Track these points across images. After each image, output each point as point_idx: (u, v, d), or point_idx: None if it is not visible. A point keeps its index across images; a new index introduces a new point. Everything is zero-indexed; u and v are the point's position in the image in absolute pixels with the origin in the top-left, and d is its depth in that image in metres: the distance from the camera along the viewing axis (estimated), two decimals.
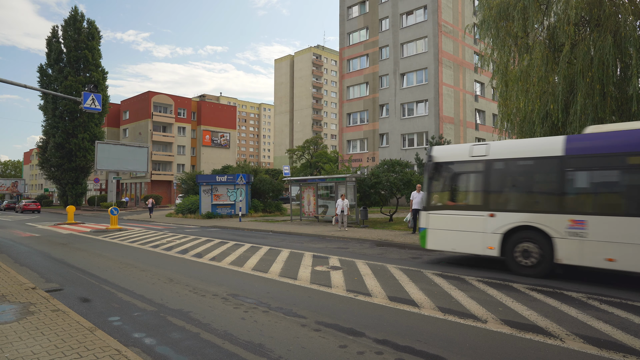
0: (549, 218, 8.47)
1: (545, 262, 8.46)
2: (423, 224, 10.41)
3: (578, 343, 4.72)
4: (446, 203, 10.20)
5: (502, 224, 9.06)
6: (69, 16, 48.79)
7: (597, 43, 11.73)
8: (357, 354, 4.45)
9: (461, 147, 10.38)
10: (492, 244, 9.15)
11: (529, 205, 9.02)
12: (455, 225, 9.82)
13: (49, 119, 48.86)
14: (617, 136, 8.15)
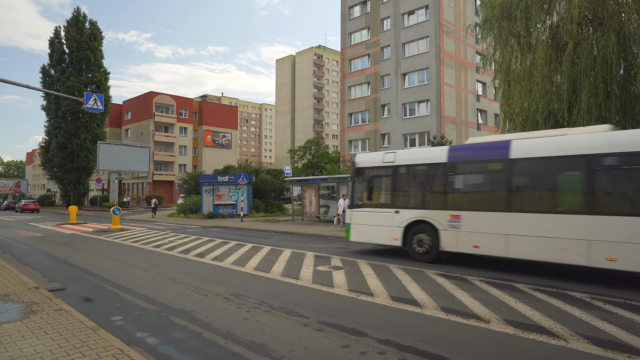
0: (436, 213, 10.27)
1: (434, 250, 10.25)
2: (348, 220, 12.30)
3: (582, 343, 4.70)
4: (365, 202, 11.93)
5: (403, 219, 10.92)
6: (72, 17, 48.95)
7: (600, 42, 11.69)
8: (359, 353, 4.44)
9: (376, 155, 12.08)
10: (397, 236, 11.04)
11: (423, 203, 10.75)
12: (370, 221, 11.68)
13: (52, 119, 49.02)
14: (483, 147, 10.02)
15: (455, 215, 9.92)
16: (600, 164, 8.15)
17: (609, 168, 8.19)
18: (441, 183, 10.46)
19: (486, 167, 9.83)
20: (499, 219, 9.21)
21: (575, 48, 12.29)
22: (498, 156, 9.44)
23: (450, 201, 10.20)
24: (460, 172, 10.24)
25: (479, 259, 10.98)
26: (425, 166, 10.87)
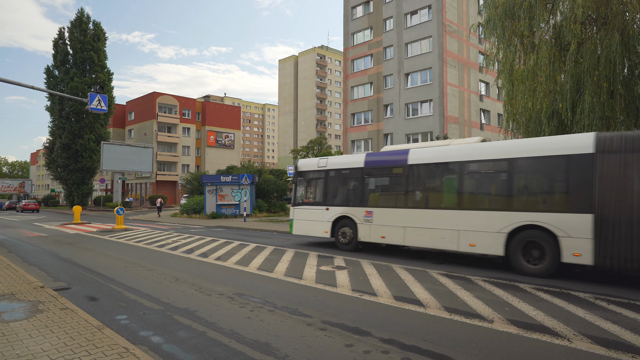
0: (355, 210, 12.26)
1: (354, 241, 12.25)
2: (291, 216, 14.29)
3: (586, 343, 4.70)
4: (304, 200, 13.98)
5: (332, 214, 12.90)
6: (75, 18, 49.14)
7: (604, 41, 11.65)
8: (363, 353, 4.46)
9: (313, 160, 13.95)
10: (327, 229, 12.97)
11: (347, 201, 12.72)
12: (308, 217, 13.67)
13: (56, 120, 49.25)
14: (390, 154, 11.91)
15: (369, 211, 11.91)
16: (467, 169, 10.07)
17: (473, 172, 10.06)
18: (359, 184, 12.45)
19: (391, 171, 11.74)
20: (399, 214, 11.21)
21: (579, 47, 12.25)
22: (399, 162, 11.39)
23: (366, 199, 12.16)
24: (372, 175, 12.21)
25: (384, 248, 13.07)
26: (348, 170, 12.82)
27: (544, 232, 8.63)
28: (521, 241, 8.93)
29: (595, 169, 8.06)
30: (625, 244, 7.56)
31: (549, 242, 8.53)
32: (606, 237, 7.81)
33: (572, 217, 8.29)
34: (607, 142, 8.08)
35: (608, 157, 7.98)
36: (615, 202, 7.76)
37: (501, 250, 9.19)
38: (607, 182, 7.91)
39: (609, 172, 7.91)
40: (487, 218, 9.46)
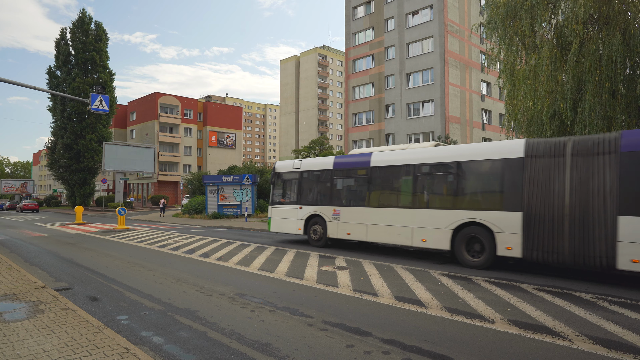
0: (325, 209, 13.18)
1: (324, 237, 13.18)
2: (269, 214, 15.16)
3: (587, 344, 4.69)
4: (280, 200, 14.87)
5: (305, 213, 13.80)
6: (77, 18, 49.23)
7: (605, 41, 11.62)
8: (364, 353, 4.45)
9: (289, 162, 14.90)
10: (300, 227, 13.93)
11: (318, 200, 13.59)
12: (284, 215, 14.56)
13: (58, 120, 49.35)
14: (355, 156, 12.86)
15: (336, 210, 12.87)
16: (419, 171, 11.00)
17: (424, 174, 10.95)
18: (328, 185, 13.36)
19: (356, 172, 12.64)
20: (362, 212, 12.16)
21: (580, 47, 12.22)
22: (362, 165, 12.33)
23: (334, 199, 13.12)
24: (340, 176, 13.13)
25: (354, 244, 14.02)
26: (319, 172, 13.74)
27: (483, 228, 9.56)
28: (464, 237, 9.89)
29: (524, 171, 9.01)
30: (548, 239, 8.52)
31: (487, 237, 9.45)
32: (532, 232, 8.75)
33: (505, 214, 9.22)
34: (534, 148, 9.01)
35: (535, 161, 8.92)
36: (540, 201, 8.70)
37: (448, 245, 10.17)
38: (533, 184, 8.86)
39: (535, 175, 8.86)
40: (436, 216, 10.43)
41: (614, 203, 7.84)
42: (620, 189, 7.80)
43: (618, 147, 8.00)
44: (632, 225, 7.57)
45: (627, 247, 7.57)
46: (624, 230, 7.64)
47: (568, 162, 8.49)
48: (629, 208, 7.66)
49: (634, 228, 7.54)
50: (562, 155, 8.61)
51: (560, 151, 8.66)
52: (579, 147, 8.47)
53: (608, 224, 7.85)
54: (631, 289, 7.54)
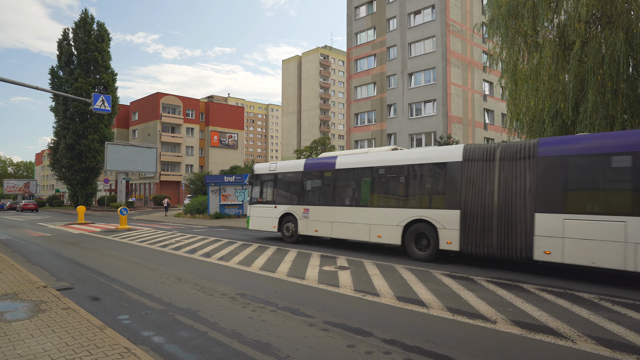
0: (296, 208, 14.18)
1: (295, 234, 14.17)
2: (248, 213, 16.28)
3: (590, 344, 4.66)
4: (258, 200, 15.87)
5: (279, 212, 14.79)
6: (79, 19, 49.39)
7: (608, 40, 11.57)
8: (365, 353, 4.43)
9: (266, 164, 15.88)
10: (275, 225, 14.93)
11: (290, 200, 14.59)
12: (261, 214, 15.57)
13: (60, 120, 49.51)
14: (323, 159, 13.75)
15: (306, 209, 13.86)
16: (376, 173, 12.03)
17: (380, 176, 11.99)
18: (299, 186, 14.35)
19: (323, 174, 13.63)
20: (328, 211, 13.16)
21: (583, 47, 12.18)
22: (329, 167, 13.33)
23: (304, 199, 14.09)
24: (309, 178, 14.13)
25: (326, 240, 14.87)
26: (292, 173, 14.66)
27: (428, 225, 10.60)
28: (413, 232, 10.94)
29: (462, 174, 10.05)
30: (480, 234, 9.55)
31: (432, 233, 10.51)
32: (468, 228, 9.78)
33: (446, 212, 10.26)
34: (471, 153, 10.05)
35: (471, 164, 9.95)
36: (475, 200, 9.72)
37: (399, 240, 11.17)
38: (470, 185, 9.88)
39: (471, 177, 9.89)
40: (390, 214, 11.43)
41: (532, 202, 8.84)
42: (537, 189, 8.81)
43: (535, 153, 8.99)
44: (546, 221, 8.57)
45: (541, 240, 8.58)
46: (539, 225, 8.65)
47: (497, 165, 9.54)
48: (543, 206, 8.67)
49: (547, 224, 8.54)
50: (492, 159, 9.65)
51: (491, 155, 9.69)
52: (506, 152, 9.48)
53: (527, 220, 8.84)
54: (634, 289, 7.50)
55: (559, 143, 8.96)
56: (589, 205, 8.28)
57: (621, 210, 7.80)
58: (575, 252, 8.16)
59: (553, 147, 8.88)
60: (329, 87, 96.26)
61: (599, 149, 8.28)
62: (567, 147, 8.76)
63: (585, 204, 8.36)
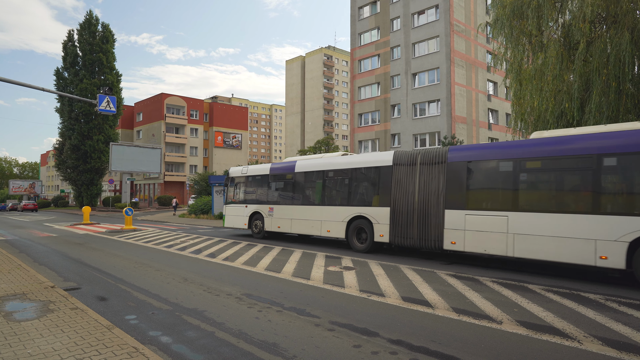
0: (263, 207, 15.82)
1: (263, 231, 15.80)
2: (224, 212, 18.04)
3: (596, 345, 4.66)
4: (232, 200, 17.49)
5: (249, 211, 16.44)
6: (84, 20, 49.61)
7: (613, 40, 11.52)
8: (371, 353, 4.45)
9: (239, 168, 17.54)
10: (245, 222, 16.57)
11: (258, 200, 16.22)
12: (234, 213, 17.24)
13: (65, 121, 49.77)
14: (285, 163, 15.39)
15: (271, 207, 15.45)
16: (326, 176, 13.63)
17: (329, 178, 13.58)
18: (266, 187, 16.01)
19: (285, 177, 15.22)
20: (288, 209, 14.73)
21: (588, 46, 12.13)
22: (289, 170, 14.92)
23: (269, 199, 15.71)
24: (274, 180, 15.72)
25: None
26: (260, 176, 16.33)
27: (366, 220, 12.13)
28: (355, 227, 12.47)
29: (392, 176, 11.61)
30: (405, 227, 11.16)
31: (369, 227, 12.02)
32: (395, 223, 11.36)
33: (380, 209, 11.79)
34: (399, 158, 11.64)
35: (399, 168, 11.54)
36: (401, 199, 11.30)
37: (343, 234, 12.73)
38: (398, 185, 11.46)
39: (399, 178, 11.47)
40: (336, 211, 13.02)
41: (442, 200, 10.42)
42: (446, 189, 10.38)
43: (446, 159, 10.55)
44: (453, 216, 10.14)
45: (449, 232, 10.17)
46: (447, 220, 10.23)
47: (418, 169, 11.11)
48: (451, 204, 10.25)
49: (453, 218, 10.11)
50: (415, 164, 11.22)
51: (414, 160, 11.25)
52: (425, 158, 11.04)
53: (439, 215, 10.43)
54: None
55: (463, 150, 10.67)
56: (483, 203, 9.79)
57: (504, 206, 9.28)
58: (472, 242, 9.71)
59: (459, 153, 10.44)
60: (332, 87, 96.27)
61: (490, 156, 9.90)
62: (468, 154, 10.35)
63: (480, 201, 9.87)
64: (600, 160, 8.06)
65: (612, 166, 8.05)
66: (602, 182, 8.07)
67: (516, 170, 9.21)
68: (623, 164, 7.92)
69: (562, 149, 8.67)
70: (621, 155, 7.89)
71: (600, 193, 8.05)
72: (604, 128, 8.62)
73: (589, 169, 8.20)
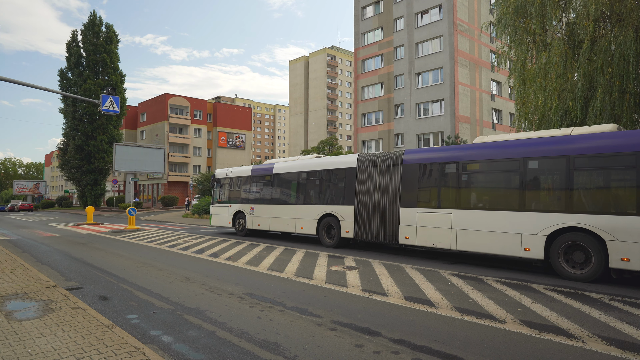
0: (245, 206, 16.82)
1: (245, 229, 16.81)
2: (211, 212, 18.97)
3: (601, 345, 4.60)
4: (218, 200, 18.56)
5: (233, 210, 17.44)
6: (88, 21, 49.78)
7: (618, 38, 11.42)
8: (373, 353, 4.42)
9: (224, 170, 18.67)
10: (230, 221, 17.55)
11: (241, 200, 17.22)
12: (220, 212, 18.25)
13: (69, 121, 49.93)
14: (265, 165, 16.48)
15: (252, 207, 16.46)
16: (300, 177, 14.62)
17: (303, 179, 14.51)
18: (248, 187, 16.96)
19: (264, 178, 16.20)
20: (267, 209, 15.73)
21: (592, 45, 12.04)
22: (268, 172, 15.98)
23: (251, 199, 16.70)
24: (255, 181, 16.68)
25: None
26: (243, 178, 17.29)
27: (334, 218, 13.13)
28: (325, 224, 13.46)
29: (356, 177, 12.63)
30: (367, 224, 12.17)
31: (336, 224, 13.02)
32: (359, 220, 12.36)
33: (346, 208, 12.80)
34: (362, 160, 12.67)
35: (362, 169, 12.56)
36: (364, 198, 12.31)
37: (315, 231, 13.73)
38: (361, 185, 12.47)
39: (362, 179, 12.48)
40: (309, 210, 13.97)
41: (398, 199, 11.36)
42: (402, 189, 11.32)
43: (401, 161, 11.48)
44: (407, 214, 11.10)
45: (404, 228, 11.13)
46: (402, 217, 11.18)
47: (378, 170, 12.05)
48: (405, 202, 11.20)
49: (407, 216, 11.07)
50: (376, 165, 12.18)
51: (375, 162, 12.19)
52: (384, 160, 11.99)
53: (396, 213, 11.36)
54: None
55: (416, 152, 11.52)
56: (432, 201, 10.71)
57: (449, 204, 10.25)
58: (423, 237, 10.66)
59: (412, 155, 11.35)
60: (336, 87, 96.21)
61: (437, 159, 10.73)
62: (420, 156, 11.23)
63: (429, 200, 10.80)
64: (526, 164, 9.06)
65: (534, 169, 9.03)
66: (526, 183, 9.04)
67: (459, 172, 10.22)
68: (543, 166, 8.91)
69: (496, 153, 9.67)
70: (542, 159, 8.87)
71: (525, 192, 9.02)
72: (539, 134, 9.50)
73: (516, 171, 9.19)
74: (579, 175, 8.32)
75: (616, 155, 7.91)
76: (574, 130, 8.98)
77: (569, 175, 8.37)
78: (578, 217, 8.12)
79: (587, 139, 8.38)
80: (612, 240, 7.63)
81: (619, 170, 7.98)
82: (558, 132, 9.16)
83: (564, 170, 8.46)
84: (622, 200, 7.84)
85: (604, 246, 7.75)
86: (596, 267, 7.82)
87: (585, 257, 8.04)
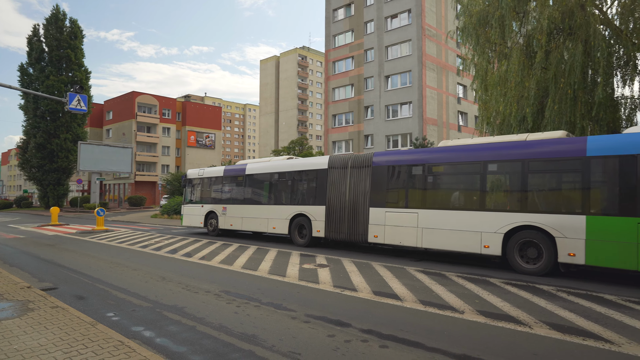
0: (217, 207, 17.04)
1: (217, 229, 17.04)
2: (182, 212, 19.15)
3: (544, 329, 5.19)
4: (190, 200, 18.76)
5: (205, 210, 17.64)
6: (51, 15, 47.98)
7: (570, 51, 12.36)
8: (344, 342, 4.82)
9: (196, 170, 18.80)
10: (202, 221, 17.76)
11: (213, 200, 17.49)
12: (191, 212, 18.46)
13: (30, 119, 47.97)
14: (238, 166, 16.83)
15: (224, 207, 16.73)
16: (272, 178, 15.04)
17: (275, 179, 14.96)
18: (220, 188, 17.22)
19: (236, 179, 16.46)
20: (240, 209, 15.99)
21: (547, 56, 12.94)
22: (240, 172, 16.28)
23: (223, 199, 16.97)
24: (227, 182, 16.93)
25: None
26: (215, 178, 17.54)
27: (306, 218, 13.53)
28: (296, 224, 13.87)
29: (328, 178, 13.07)
30: (337, 223, 12.63)
31: (308, 224, 13.42)
32: (330, 219, 12.82)
33: (317, 208, 13.21)
34: (333, 161, 13.11)
35: (333, 171, 13.01)
36: (334, 198, 12.77)
37: (286, 230, 14.09)
38: (332, 186, 12.92)
39: (333, 180, 12.94)
40: (281, 210, 14.34)
41: (368, 199, 11.86)
42: (371, 190, 11.84)
43: (371, 163, 12.03)
44: (375, 213, 11.61)
45: (373, 227, 11.64)
46: (372, 217, 11.67)
47: (349, 172, 12.54)
48: (374, 202, 11.72)
49: (376, 215, 11.58)
50: (346, 167, 12.67)
51: (346, 164, 12.68)
52: (354, 162, 12.48)
53: (365, 213, 11.86)
54: (589, 281, 8.17)
55: (385, 155, 12.08)
56: (399, 202, 11.26)
57: (415, 205, 10.86)
58: (391, 235, 11.19)
59: (381, 158, 11.90)
60: (307, 87, 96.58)
61: (405, 161, 11.32)
62: (388, 159, 11.80)
63: (397, 200, 11.34)
64: (486, 167, 9.74)
65: (494, 171, 9.75)
66: (486, 184, 9.77)
67: (425, 174, 10.86)
68: (501, 169, 9.65)
69: (459, 156, 10.31)
70: (500, 162, 9.61)
71: (485, 193, 9.78)
72: (498, 138, 10.24)
73: (477, 173, 9.86)
74: (533, 177, 9.07)
75: (565, 160, 8.69)
76: (529, 136, 9.72)
77: (524, 177, 9.10)
78: (532, 216, 8.85)
79: (540, 145, 9.13)
80: (560, 237, 8.39)
81: (567, 173, 8.79)
82: (515, 138, 9.90)
83: (519, 173, 9.18)
84: (569, 200, 8.63)
85: (554, 243, 8.51)
86: (547, 261, 8.57)
87: (538, 253, 8.79)
